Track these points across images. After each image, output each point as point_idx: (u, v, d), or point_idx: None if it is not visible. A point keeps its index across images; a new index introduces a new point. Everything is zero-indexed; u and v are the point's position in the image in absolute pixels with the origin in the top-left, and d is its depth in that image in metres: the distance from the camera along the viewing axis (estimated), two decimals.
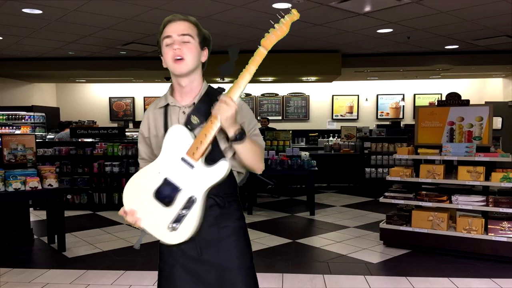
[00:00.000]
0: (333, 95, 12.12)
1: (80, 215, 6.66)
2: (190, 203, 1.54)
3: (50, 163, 6.83)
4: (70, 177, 7.01)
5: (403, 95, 12.06)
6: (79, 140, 7.45)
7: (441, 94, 11.72)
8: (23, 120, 10.33)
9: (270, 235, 5.32)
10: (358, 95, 12.13)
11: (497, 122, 9.56)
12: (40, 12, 5.76)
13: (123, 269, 4.08)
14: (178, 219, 1.54)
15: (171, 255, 1.71)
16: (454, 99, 4.74)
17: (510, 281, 3.71)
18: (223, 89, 1.66)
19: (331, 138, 9.67)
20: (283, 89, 12.14)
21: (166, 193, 1.56)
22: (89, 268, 4.12)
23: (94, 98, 12.60)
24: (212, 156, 1.58)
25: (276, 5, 5.56)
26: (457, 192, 4.41)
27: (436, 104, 4.95)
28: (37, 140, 5.43)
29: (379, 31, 7.02)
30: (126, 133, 8.44)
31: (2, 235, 5.01)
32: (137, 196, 1.61)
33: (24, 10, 5.67)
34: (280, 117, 12.12)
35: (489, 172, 4.26)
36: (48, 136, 9.22)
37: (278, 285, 3.66)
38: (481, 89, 11.90)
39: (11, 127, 10.12)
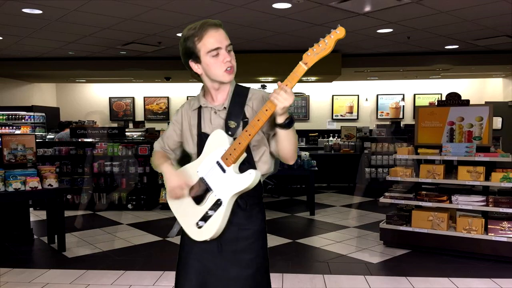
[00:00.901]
0: (333, 95, 12.12)
1: (80, 215, 6.66)
2: (216, 205, 1.62)
3: (50, 163, 6.83)
4: (70, 177, 7.02)
5: (403, 95, 12.05)
6: (79, 140, 7.45)
7: (441, 94, 11.72)
8: (23, 120, 10.33)
9: (270, 235, 5.30)
10: (358, 95, 12.13)
11: (497, 122, 9.55)
12: (40, 12, 5.75)
13: (123, 269, 4.08)
14: (205, 218, 1.64)
15: (190, 246, 1.77)
16: (454, 99, 4.75)
17: (510, 281, 3.71)
18: (265, 86, 1.76)
19: (331, 138, 9.67)
20: None
21: (199, 192, 1.67)
22: (89, 268, 4.12)
23: (94, 98, 12.60)
24: (246, 164, 1.65)
25: (276, 5, 5.56)
26: (457, 192, 4.41)
27: (436, 104, 4.95)
28: (37, 140, 5.43)
29: (379, 31, 7.02)
30: (126, 133, 8.44)
31: (2, 235, 5.01)
32: None
33: (24, 10, 5.67)
34: None
35: (489, 172, 4.26)
36: (48, 136, 9.22)
37: (278, 285, 3.66)
38: (481, 89, 11.90)
39: (11, 127, 10.11)
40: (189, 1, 5.37)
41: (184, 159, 1.87)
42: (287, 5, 5.55)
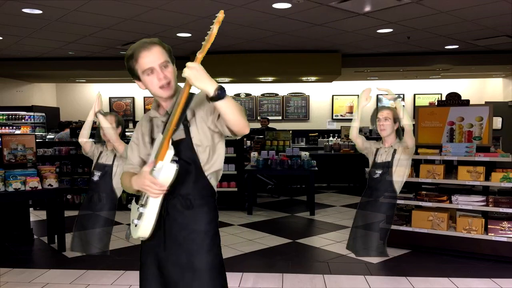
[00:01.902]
0: (333, 95, 12.11)
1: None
2: (146, 203, 1.69)
3: (50, 163, 6.83)
4: (70, 177, 7.01)
5: (403, 95, 12.05)
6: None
7: (441, 94, 11.72)
8: (23, 120, 10.33)
9: (270, 235, 5.32)
10: (358, 95, 12.10)
11: (497, 122, 9.54)
12: (40, 12, 5.75)
13: (123, 269, 4.08)
14: (139, 216, 1.71)
15: (146, 250, 1.84)
16: (454, 99, 4.75)
17: (510, 281, 3.71)
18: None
19: (331, 138, 9.67)
20: (283, 89, 12.13)
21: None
22: (89, 268, 4.13)
23: (94, 98, 12.46)
24: (191, 165, 1.73)
25: (276, 5, 5.56)
26: (457, 192, 4.41)
27: (436, 104, 4.95)
28: (37, 140, 5.43)
29: (379, 31, 7.02)
30: (126, 133, 8.42)
31: (2, 235, 5.01)
32: None
33: (24, 10, 5.67)
34: (280, 117, 12.12)
35: (489, 172, 4.25)
36: (48, 136, 9.21)
37: (278, 285, 3.66)
38: (481, 89, 11.89)
39: (11, 127, 10.12)
40: (189, 1, 5.37)
41: None
42: (287, 5, 5.55)
